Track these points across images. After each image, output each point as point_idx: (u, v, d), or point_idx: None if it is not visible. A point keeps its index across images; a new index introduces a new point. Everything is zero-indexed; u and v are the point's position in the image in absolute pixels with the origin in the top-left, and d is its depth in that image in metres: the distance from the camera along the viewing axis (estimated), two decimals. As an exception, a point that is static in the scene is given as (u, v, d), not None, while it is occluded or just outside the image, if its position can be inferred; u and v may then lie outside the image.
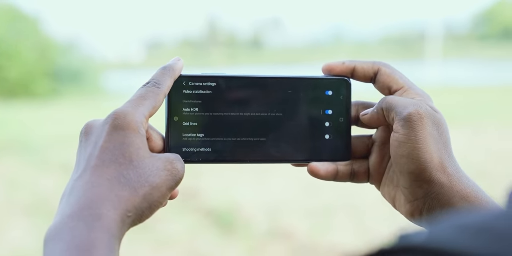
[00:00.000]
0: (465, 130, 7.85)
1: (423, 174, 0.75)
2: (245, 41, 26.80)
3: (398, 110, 0.76)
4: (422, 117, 0.75)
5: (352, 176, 0.83)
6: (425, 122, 0.75)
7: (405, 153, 0.75)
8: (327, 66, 0.83)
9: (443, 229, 0.37)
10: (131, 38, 25.85)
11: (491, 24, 25.01)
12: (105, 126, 0.69)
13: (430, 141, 0.75)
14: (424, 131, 0.75)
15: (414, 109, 0.75)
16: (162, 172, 0.69)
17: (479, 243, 0.35)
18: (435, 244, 0.36)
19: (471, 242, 0.35)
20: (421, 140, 0.74)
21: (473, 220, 0.38)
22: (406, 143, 0.75)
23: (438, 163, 0.75)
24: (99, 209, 0.64)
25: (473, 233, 0.36)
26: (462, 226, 0.37)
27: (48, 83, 13.83)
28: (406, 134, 0.75)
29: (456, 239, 0.36)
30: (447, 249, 0.35)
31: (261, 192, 5.42)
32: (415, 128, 0.75)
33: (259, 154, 0.82)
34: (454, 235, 0.36)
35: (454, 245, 0.35)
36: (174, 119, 0.80)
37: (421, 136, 0.74)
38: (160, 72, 0.76)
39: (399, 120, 0.76)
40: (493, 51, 21.76)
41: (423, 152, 0.74)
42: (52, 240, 0.63)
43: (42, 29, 15.14)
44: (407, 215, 0.79)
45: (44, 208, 4.98)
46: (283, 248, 4.14)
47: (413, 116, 0.75)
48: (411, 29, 25.02)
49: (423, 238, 0.37)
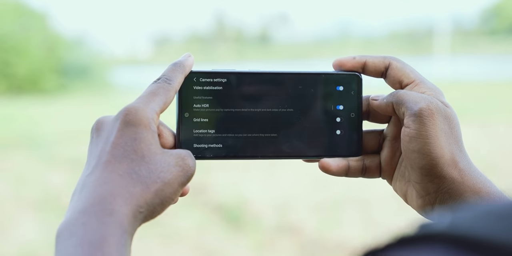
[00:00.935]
0: (474, 125, 7.83)
1: (434, 169, 0.75)
2: (253, 37, 26.78)
3: (409, 105, 0.76)
4: (433, 113, 0.75)
5: (363, 172, 0.83)
6: (436, 118, 0.75)
7: (416, 148, 0.75)
8: (338, 61, 0.83)
9: (465, 216, 0.37)
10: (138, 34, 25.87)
11: (500, 19, 24.92)
12: (116, 122, 0.69)
13: (441, 136, 0.74)
14: (435, 127, 0.74)
15: (425, 104, 0.75)
16: (174, 168, 0.69)
17: (502, 229, 0.35)
18: (457, 232, 0.36)
19: (493, 229, 0.35)
20: (432, 135, 0.74)
21: (494, 208, 0.38)
22: (417, 138, 0.75)
23: (449, 158, 0.74)
24: (111, 205, 0.64)
25: (495, 220, 0.36)
26: (484, 213, 0.37)
27: (56, 79, 13.85)
28: (417, 129, 0.75)
29: (479, 226, 0.36)
30: (470, 236, 0.35)
31: (270, 187, 5.42)
32: (426, 124, 0.74)
33: (270, 150, 0.82)
34: (477, 222, 0.36)
35: (476, 232, 0.35)
36: (185, 115, 0.80)
37: (432, 131, 0.74)
38: (171, 68, 0.76)
39: (410, 115, 0.75)
40: (501, 46, 21.69)
41: (434, 147, 0.74)
42: (64, 236, 0.63)
43: (50, 25, 15.16)
44: (419, 210, 0.79)
45: (53, 203, 4.99)
46: (291, 243, 4.14)
47: (424, 111, 0.75)
48: (419, 25, 24.96)
49: (445, 225, 0.37)
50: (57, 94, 13.00)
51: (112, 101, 10.77)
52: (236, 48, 22.80)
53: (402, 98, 0.77)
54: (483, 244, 0.34)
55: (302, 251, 4.03)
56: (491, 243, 0.34)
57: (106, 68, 15.56)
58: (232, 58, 20.03)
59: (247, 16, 33.29)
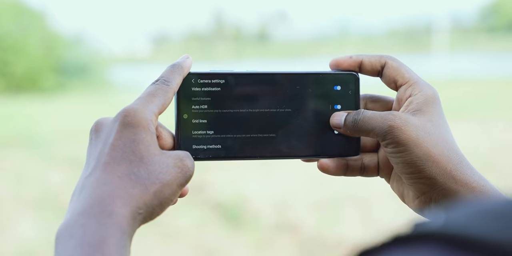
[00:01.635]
0: (473, 123, 7.84)
1: (422, 173, 0.75)
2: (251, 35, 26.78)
3: (376, 130, 0.77)
4: (400, 128, 0.75)
5: (362, 171, 0.84)
6: (405, 130, 0.75)
7: (399, 161, 0.76)
8: (334, 61, 0.84)
9: (459, 215, 0.37)
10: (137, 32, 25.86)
11: (498, 16, 24.93)
12: (115, 123, 0.70)
13: (418, 144, 0.75)
14: (409, 139, 0.75)
15: (389, 122, 0.76)
16: (173, 169, 0.69)
17: (496, 228, 0.35)
18: (451, 231, 0.36)
19: (488, 228, 0.35)
20: (409, 146, 0.75)
21: (489, 207, 0.38)
22: (397, 153, 0.76)
23: (434, 161, 0.75)
24: (110, 206, 0.64)
25: (490, 219, 0.36)
26: (479, 212, 0.37)
27: (55, 77, 13.85)
28: (394, 147, 0.76)
29: (474, 225, 0.36)
30: (464, 235, 0.35)
31: (269, 185, 5.42)
32: (399, 140, 0.75)
33: (269, 150, 0.82)
34: (471, 221, 0.36)
35: (471, 231, 0.35)
36: (183, 117, 0.80)
37: (408, 143, 0.75)
38: (169, 69, 0.77)
39: (381, 139, 0.77)
40: (500, 44, 21.69)
41: (415, 155, 0.75)
42: (63, 237, 0.63)
43: (48, 24, 15.16)
44: (415, 209, 0.79)
45: (52, 202, 4.99)
46: (291, 241, 4.14)
47: (392, 127, 0.75)
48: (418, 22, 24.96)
49: (440, 224, 0.37)
50: (55, 92, 12.99)
51: (110, 100, 10.77)
52: (234, 46, 22.79)
53: (365, 128, 0.79)
54: (477, 243, 0.34)
55: (301, 249, 4.03)
56: (485, 242, 0.34)
57: (104, 66, 15.56)
58: (231, 57, 20.03)
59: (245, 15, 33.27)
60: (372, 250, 0.38)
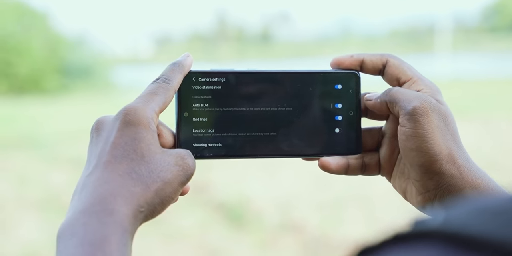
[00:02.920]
0: (476, 123, 7.83)
1: (433, 166, 0.75)
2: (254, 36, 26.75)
3: (402, 104, 0.76)
4: (427, 110, 0.75)
5: (363, 169, 0.84)
6: (430, 115, 0.75)
7: (414, 147, 0.75)
8: (335, 60, 0.84)
9: (459, 213, 0.37)
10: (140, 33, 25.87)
11: (501, 16, 24.89)
12: (116, 122, 0.70)
13: (437, 133, 0.75)
14: (430, 124, 0.75)
15: (419, 103, 0.75)
16: (174, 167, 0.69)
17: (496, 226, 0.35)
18: (451, 228, 0.36)
19: (488, 226, 0.35)
20: (428, 133, 0.75)
21: (489, 204, 0.38)
22: (414, 136, 0.75)
23: (447, 154, 0.75)
24: (111, 205, 0.64)
25: (490, 217, 0.36)
26: (479, 210, 0.37)
27: (58, 79, 13.84)
28: (413, 127, 0.75)
29: (473, 223, 0.36)
30: (464, 233, 0.35)
31: (272, 185, 5.42)
32: (422, 122, 0.75)
33: (269, 149, 0.82)
34: (471, 219, 0.36)
35: (471, 229, 0.35)
36: (184, 115, 0.80)
37: (428, 129, 0.75)
38: (170, 68, 0.77)
39: (405, 114, 0.76)
40: (503, 44, 21.65)
41: (431, 145, 0.75)
42: (64, 236, 0.63)
43: (51, 25, 15.15)
44: (418, 206, 0.79)
45: (55, 203, 4.99)
46: (294, 241, 4.14)
47: (419, 110, 0.75)
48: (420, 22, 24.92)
49: (439, 222, 0.37)
50: (58, 94, 12.99)
51: (113, 101, 10.76)
52: (237, 47, 22.77)
53: (395, 97, 0.78)
54: (478, 241, 0.34)
55: (305, 249, 4.03)
56: (486, 240, 0.34)
57: (107, 67, 15.55)
58: (233, 57, 20.02)
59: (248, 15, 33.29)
60: (372, 248, 0.38)
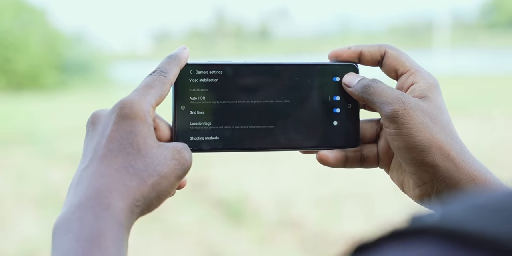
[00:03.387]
0: (474, 119, 7.84)
1: (425, 159, 0.75)
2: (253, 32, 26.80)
3: (381, 107, 0.76)
4: (407, 111, 0.75)
5: (361, 162, 0.83)
6: (412, 115, 0.75)
7: (402, 145, 0.75)
8: (333, 52, 0.83)
9: (456, 209, 0.37)
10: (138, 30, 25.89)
11: (499, 12, 24.93)
12: (112, 115, 0.69)
13: (422, 129, 0.75)
14: (414, 122, 0.74)
15: (397, 105, 0.75)
16: (170, 161, 0.69)
17: (494, 223, 0.34)
18: (449, 225, 0.35)
19: (485, 222, 0.35)
20: (413, 130, 0.74)
21: (487, 200, 0.37)
22: (400, 136, 0.75)
23: (438, 147, 0.74)
24: (107, 199, 0.64)
25: (487, 213, 0.35)
26: (476, 206, 0.37)
27: (56, 75, 13.85)
28: (396, 128, 0.75)
29: (471, 219, 0.35)
30: (461, 229, 0.35)
31: (270, 181, 5.42)
32: (403, 122, 0.75)
33: (267, 142, 0.82)
34: (468, 216, 0.36)
35: (468, 225, 0.35)
36: (181, 108, 0.79)
37: (412, 127, 0.74)
38: (166, 61, 0.76)
39: (385, 117, 0.76)
40: (501, 40, 21.70)
41: (418, 140, 0.74)
42: (60, 231, 0.63)
43: (49, 22, 15.16)
44: (416, 199, 0.79)
45: (53, 199, 4.99)
46: (293, 237, 4.14)
47: (398, 112, 0.75)
48: (419, 19, 24.96)
49: (437, 219, 0.36)
50: (57, 90, 13.00)
51: (112, 97, 10.75)
52: (236, 43, 22.81)
53: (372, 97, 0.77)
54: (475, 238, 0.34)
55: (303, 245, 4.03)
56: (483, 237, 0.34)
57: (105, 64, 15.56)
58: (232, 54, 20.03)
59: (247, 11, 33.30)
60: (369, 245, 0.37)
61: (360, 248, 0.38)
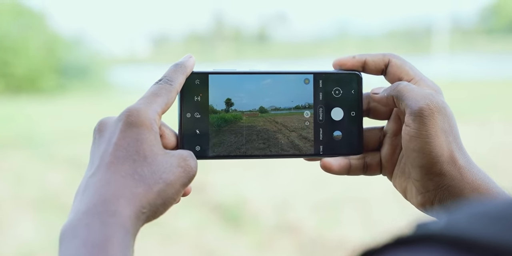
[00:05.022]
0: (473, 124, 7.83)
1: (434, 167, 0.75)
2: (251, 36, 26.77)
3: (409, 103, 0.76)
4: (433, 112, 0.75)
5: (365, 169, 0.84)
6: (436, 117, 0.75)
7: (416, 148, 0.75)
8: (338, 61, 0.84)
9: (461, 217, 0.37)
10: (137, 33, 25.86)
11: (498, 17, 24.92)
12: (118, 123, 0.70)
13: (441, 135, 0.75)
14: (435, 126, 0.75)
15: (426, 104, 0.75)
16: (176, 169, 0.69)
17: (498, 230, 0.35)
18: (453, 233, 0.36)
19: (490, 230, 0.35)
20: (432, 135, 0.74)
21: (491, 208, 0.38)
22: (418, 137, 0.75)
23: (448, 156, 0.75)
24: (114, 206, 0.65)
25: (492, 221, 0.36)
26: (481, 214, 0.37)
27: (55, 78, 13.83)
28: (417, 128, 0.75)
29: (475, 227, 0.36)
30: (466, 237, 0.35)
31: (268, 186, 5.42)
32: (426, 123, 0.75)
33: (271, 149, 0.82)
34: (473, 223, 0.36)
35: (472, 233, 0.35)
36: (187, 116, 0.80)
37: (432, 130, 0.74)
38: (172, 69, 0.77)
39: (410, 113, 0.76)
40: (500, 45, 21.68)
41: (434, 147, 0.74)
42: (67, 237, 0.63)
43: (48, 25, 15.14)
44: (418, 206, 0.79)
45: (51, 203, 4.99)
46: (291, 242, 4.14)
47: (425, 111, 0.75)
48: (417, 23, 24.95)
49: (441, 226, 0.37)
50: (55, 93, 12.98)
51: (111, 101, 10.76)
52: (234, 47, 22.78)
53: (403, 93, 0.77)
54: (479, 245, 0.34)
55: (301, 250, 4.03)
56: (487, 244, 0.34)
57: (104, 67, 15.54)
58: (231, 58, 20.02)
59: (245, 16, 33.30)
60: (374, 251, 0.38)
61: (365, 255, 0.38)
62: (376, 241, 0.38)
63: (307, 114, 0.84)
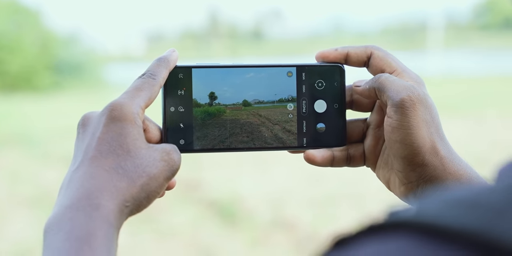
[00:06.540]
0: (467, 120, 7.85)
1: (416, 158, 0.75)
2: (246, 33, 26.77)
3: (390, 95, 0.76)
4: (414, 103, 0.75)
5: (348, 161, 0.84)
6: (417, 108, 0.75)
7: (399, 139, 0.76)
8: (320, 53, 0.84)
9: (432, 204, 0.37)
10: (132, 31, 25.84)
11: (492, 13, 24.95)
12: (102, 117, 0.70)
13: (423, 126, 0.75)
14: (417, 117, 0.75)
15: (407, 95, 0.75)
16: (159, 162, 0.70)
17: (470, 217, 0.35)
18: (425, 219, 0.36)
19: (461, 217, 0.35)
20: (414, 125, 0.75)
21: (462, 195, 0.38)
22: (400, 129, 0.75)
23: (430, 147, 0.75)
24: (97, 200, 0.65)
25: (463, 208, 0.36)
26: (452, 200, 0.37)
27: (50, 76, 13.82)
28: (399, 120, 0.75)
29: (446, 213, 0.36)
30: (437, 224, 0.35)
31: (263, 182, 5.42)
32: (408, 114, 0.75)
33: (256, 142, 0.83)
34: (444, 210, 0.36)
35: (444, 219, 0.35)
36: (170, 110, 0.80)
37: (413, 122, 0.75)
38: (155, 63, 0.77)
39: (392, 105, 0.76)
40: (494, 41, 21.71)
41: (416, 138, 0.75)
42: (51, 231, 0.64)
43: (43, 23, 15.13)
44: (401, 196, 0.80)
45: (46, 200, 4.99)
46: (286, 238, 4.15)
47: (406, 102, 0.75)
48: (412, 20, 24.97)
49: (413, 213, 0.37)
50: (50, 91, 12.98)
51: (105, 98, 10.72)
52: (229, 44, 22.77)
53: (384, 85, 0.77)
54: (449, 231, 0.35)
55: (297, 246, 4.04)
56: (457, 231, 0.34)
57: (99, 65, 15.54)
58: (225, 55, 20.02)
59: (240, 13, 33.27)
60: (348, 239, 0.38)
61: (339, 242, 0.39)
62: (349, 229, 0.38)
63: (291, 106, 0.84)
